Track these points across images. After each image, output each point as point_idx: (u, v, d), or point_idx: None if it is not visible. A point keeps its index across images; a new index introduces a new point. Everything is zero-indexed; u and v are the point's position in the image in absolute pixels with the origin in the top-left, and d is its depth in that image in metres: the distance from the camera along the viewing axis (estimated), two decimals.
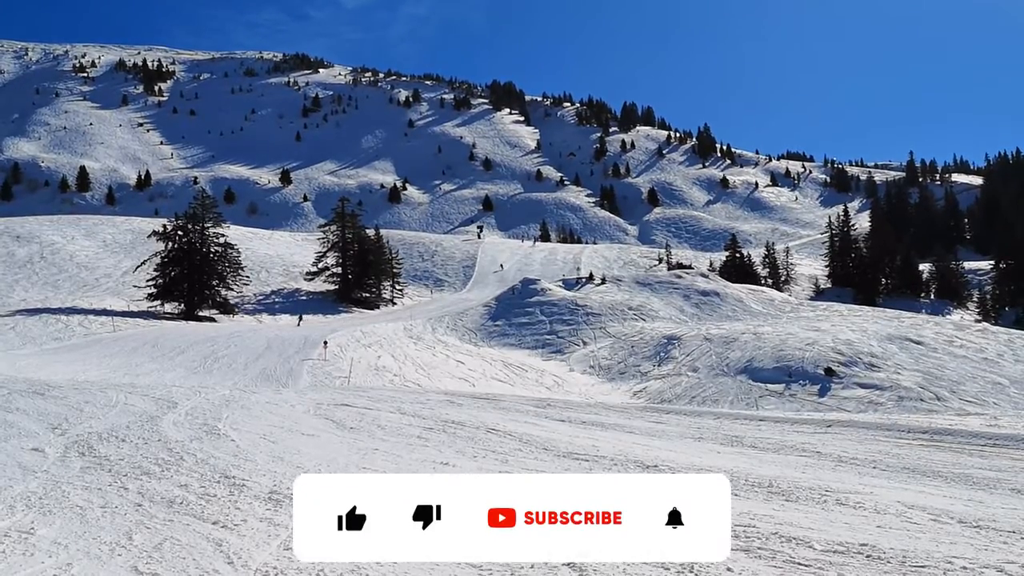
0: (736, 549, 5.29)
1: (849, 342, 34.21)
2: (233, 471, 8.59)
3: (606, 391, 33.50)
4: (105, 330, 41.01)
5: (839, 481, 8.13)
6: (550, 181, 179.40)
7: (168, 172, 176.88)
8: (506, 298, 50.18)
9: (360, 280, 63.10)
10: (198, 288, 52.76)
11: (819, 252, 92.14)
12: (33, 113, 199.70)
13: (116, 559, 5.24)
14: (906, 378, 30.01)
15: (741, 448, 10.98)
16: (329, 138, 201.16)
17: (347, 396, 17.15)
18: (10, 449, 9.99)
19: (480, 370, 35.04)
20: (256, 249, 70.13)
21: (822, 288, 78.37)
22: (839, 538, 5.53)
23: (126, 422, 12.36)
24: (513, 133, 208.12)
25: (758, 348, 35.00)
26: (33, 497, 7.14)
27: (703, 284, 52.42)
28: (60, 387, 17.08)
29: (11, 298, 50.82)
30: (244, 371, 29.38)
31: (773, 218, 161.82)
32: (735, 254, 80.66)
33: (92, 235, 68.83)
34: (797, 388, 30.46)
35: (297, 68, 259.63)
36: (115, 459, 9.30)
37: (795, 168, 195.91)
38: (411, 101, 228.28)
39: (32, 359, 31.11)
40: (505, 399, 18.29)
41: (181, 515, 6.54)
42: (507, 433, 11.78)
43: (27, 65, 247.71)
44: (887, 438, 11.65)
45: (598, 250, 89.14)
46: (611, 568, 4.78)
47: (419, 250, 79.70)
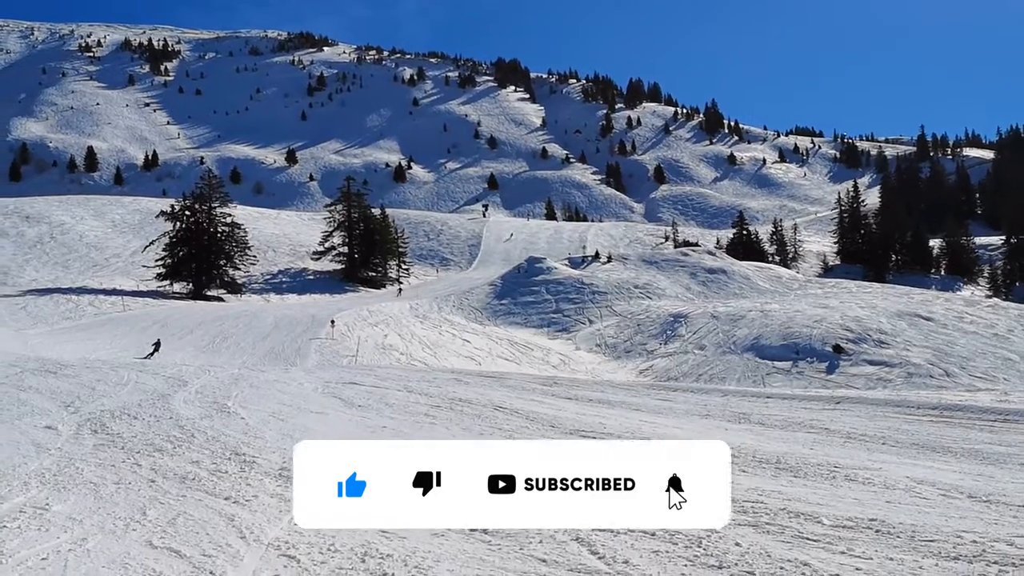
0: (744, 524, 5.32)
1: (858, 319, 34.16)
2: (243, 448, 8.66)
3: (612, 369, 33.55)
4: (115, 310, 41.19)
5: (848, 457, 8.14)
6: (555, 159, 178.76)
7: (175, 152, 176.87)
8: (512, 277, 50.16)
9: (366, 259, 63.14)
10: (206, 268, 52.89)
11: (828, 229, 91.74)
12: (40, 93, 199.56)
13: (131, 534, 5.30)
14: (916, 354, 29.98)
15: (748, 425, 11.00)
16: (334, 117, 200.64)
17: (355, 375, 17.22)
18: (24, 427, 10.08)
19: (486, 349, 35.11)
20: (263, 229, 70.17)
21: (831, 265, 78.11)
22: (848, 513, 5.55)
23: (138, 400, 12.45)
24: (518, 111, 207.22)
25: (765, 325, 34.97)
26: (47, 474, 7.21)
27: (710, 262, 52.31)
28: (72, 366, 17.19)
29: (22, 278, 51.06)
30: (252, 350, 29.51)
31: (781, 195, 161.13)
32: (742, 231, 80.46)
33: (101, 215, 68.96)
34: (805, 365, 30.45)
35: (302, 46, 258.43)
36: (128, 436, 9.38)
37: (804, 144, 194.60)
38: (416, 79, 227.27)
39: (44, 338, 31.30)
40: (511, 377, 18.34)
41: (194, 491, 6.61)
42: (514, 411, 11.82)
43: (33, 45, 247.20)
44: (896, 414, 11.65)
45: (604, 228, 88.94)
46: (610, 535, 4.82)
47: (425, 229, 79.65)
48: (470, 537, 5.18)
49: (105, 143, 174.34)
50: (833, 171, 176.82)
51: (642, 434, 9.69)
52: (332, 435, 9.75)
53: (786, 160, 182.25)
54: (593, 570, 4.51)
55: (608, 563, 4.60)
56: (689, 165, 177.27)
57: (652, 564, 4.58)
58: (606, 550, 4.79)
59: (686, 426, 10.82)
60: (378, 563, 4.66)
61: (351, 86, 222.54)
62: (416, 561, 4.67)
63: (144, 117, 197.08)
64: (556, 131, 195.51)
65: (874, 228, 79.93)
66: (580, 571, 4.51)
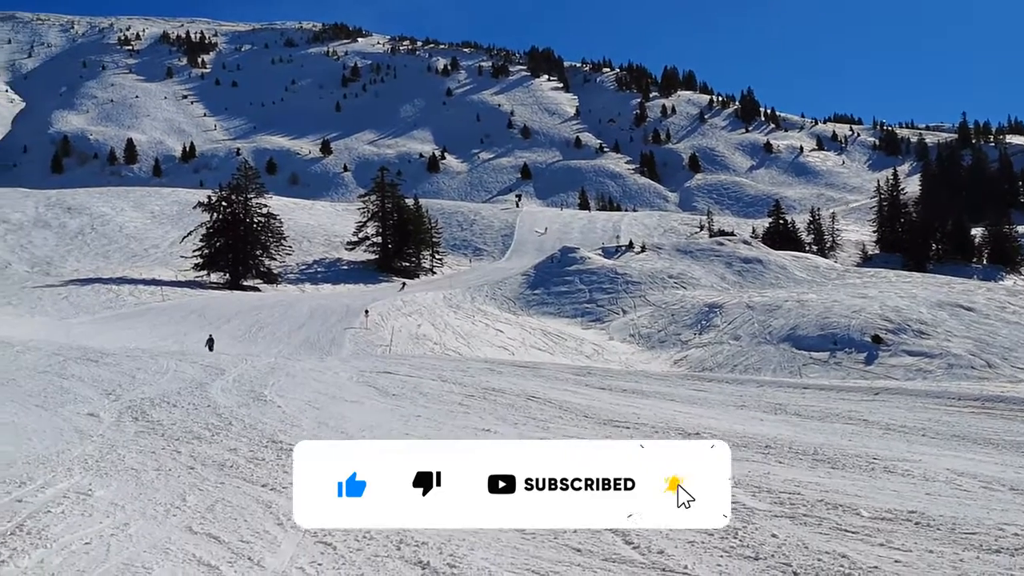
0: (781, 516, 5.28)
1: (897, 309, 33.68)
2: (280, 436, 8.76)
3: (646, 359, 33.44)
4: (154, 299, 41.87)
5: (887, 449, 8.04)
6: (589, 148, 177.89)
7: (212, 144, 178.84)
8: (545, 267, 50.12)
9: (400, 249, 63.46)
10: (242, 258, 53.55)
11: (867, 217, 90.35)
12: (80, 86, 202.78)
13: (171, 519, 5.39)
14: (956, 345, 29.50)
15: (785, 416, 10.90)
16: (368, 108, 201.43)
17: (389, 364, 17.33)
18: (67, 414, 10.28)
19: (519, 338, 35.16)
20: (298, 219, 70.80)
21: (870, 254, 76.94)
22: (887, 505, 5.48)
23: (177, 388, 12.65)
24: (552, 100, 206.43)
25: (802, 316, 34.61)
26: (90, 460, 7.36)
27: (745, 251, 51.83)
28: (113, 354, 17.51)
29: (64, 268, 52.09)
30: (288, 339, 29.84)
31: (819, 183, 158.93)
32: (779, 220, 79.55)
33: (140, 207, 70.06)
34: (843, 356, 30.11)
35: (336, 37, 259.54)
36: (167, 424, 9.54)
37: (842, 131, 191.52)
38: (449, 69, 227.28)
39: (85, 327, 31.92)
40: (545, 367, 18.34)
41: (232, 478, 6.70)
42: (547, 400, 11.83)
43: (73, 39, 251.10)
44: (936, 405, 11.47)
45: (638, 217, 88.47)
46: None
47: (458, 219, 79.79)
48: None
49: (144, 135, 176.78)
50: (872, 159, 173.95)
51: (676, 425, 9.64)
52: (367, 424, 9.84)
53: (824, 148, 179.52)
54: (628, 560, 4.50)
55: (643, 553, 4.59)
56: (724, 154, 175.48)
57: (687, 555, 4.56)
58: (641, 540, 4.78)
59: (721, 417, 10.75)
60: (413, 551, 4.69)
61: (385, 77, 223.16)
62: (451, 549, 4.69)
63: (182, 109, 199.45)
64: (590, 120, 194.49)
65: (914, 217, 78.58)
66: (615, 561, 4.50)
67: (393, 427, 9.61)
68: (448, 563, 4.48)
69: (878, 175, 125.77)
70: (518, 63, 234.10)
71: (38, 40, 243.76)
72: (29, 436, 8.70)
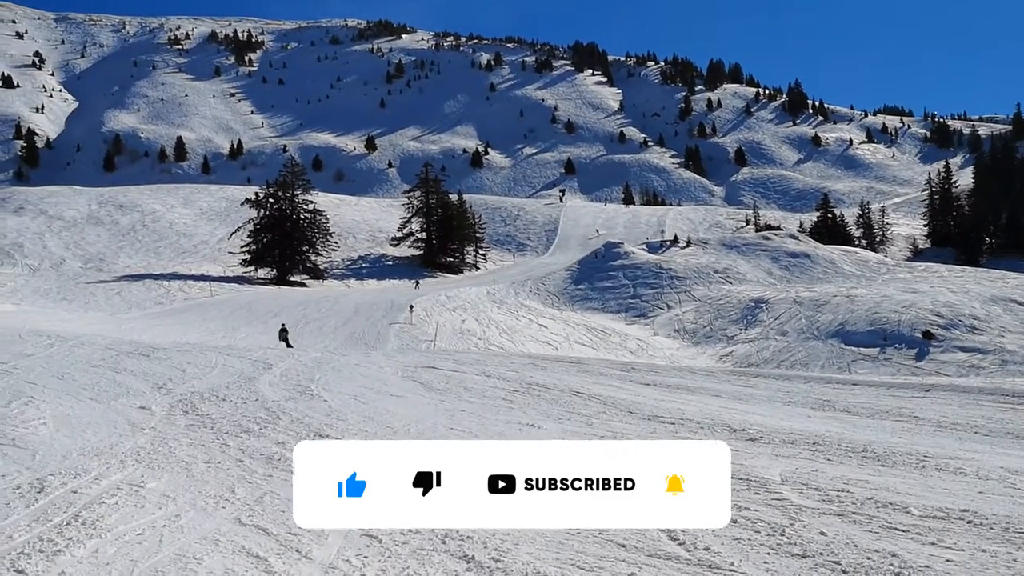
0: (829, 513, 5.21)
1: (949, 304, 32.96)
2: (327, 430, 8.87)
3: (691, 355, 33.18)
4: (203, 295, 42.62)
5: (938, 446, 7.88)
6: (633, 143, 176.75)
7: (259, 141, 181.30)
8: (589, 262, 49.96)
9: (444, 245, 63.77)
10: (289, 254, 54.25)
11: (918, 211, 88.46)
12: (132, 86, 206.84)
13: (221, 511, 5.49)
14: (1011, 341, 28.80)
15: (833, 412, 10.74)
16: (412, 104, 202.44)
17: (433, 359, 17.41)
18: (120, 407, 10.51)
19: (563, 334, 35.11)
20: (343, 215, 71.51)
21: (921, 248, 75.38)
22: (938, 504, 5.38)
23: (226, 382, 12.85)
24: (595, 94, 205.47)
25: (851, 311, 34.05)
26: (142, 452, 7.51)
27: (792, 246, 51.12)
28: (164, 349, 17.84)
29: (116, 264, 53.27)
30: (334, 334, 30.16)
31: (868, 176, 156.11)
32: (827, 214, 78.25)
33: (189, 203, 71.35)
34: (893, 352, 29.57)
35: (381, 34, 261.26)
36: (216, 417, 9.70)
37: (892, 123, 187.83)
38: (493, 65, 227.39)
39: (137, 322, 32.60)
40: (589, 362, 18.28)
41: (279, 471, 6.80)
42: (591, 396, 11.79)
43: (124, 39, 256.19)
44: (990, 403, 11.21)
45: (683, 212, 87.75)
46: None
47: (501, 215, 79.88)
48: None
49: (193, 133, 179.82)
50: (923, 151, 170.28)
51: (722, 421, 9.55)
52: (412, 419, 9.90)
53: (874, 140, 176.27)
54: (673, 556, 4.48)
55: (688, 550, 4.56)
56: (771, 147, 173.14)
57: (734, 552, 4.52)
58: (686, 536, 4.75)
59: (768, 413, 10.62)
60: (458, 544, 4.72)
61: (429, 73, 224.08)
62: (496, 543, 4.71)
63: (229, 107, 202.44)
64: (634, 114, 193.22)
65: (967, 210, 76.74)
66: (659, 557, 4.48)
67: (438, 422, 9.66)
68: (493, 557, 4.50)
69: (929, 168, 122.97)
70: (562, 58, 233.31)
71: (90, 40, 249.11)
72: (83, 428, 8.91)
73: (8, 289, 42.94)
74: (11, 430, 8.61)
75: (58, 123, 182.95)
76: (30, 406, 10.24)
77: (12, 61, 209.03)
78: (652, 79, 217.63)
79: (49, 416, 9.59)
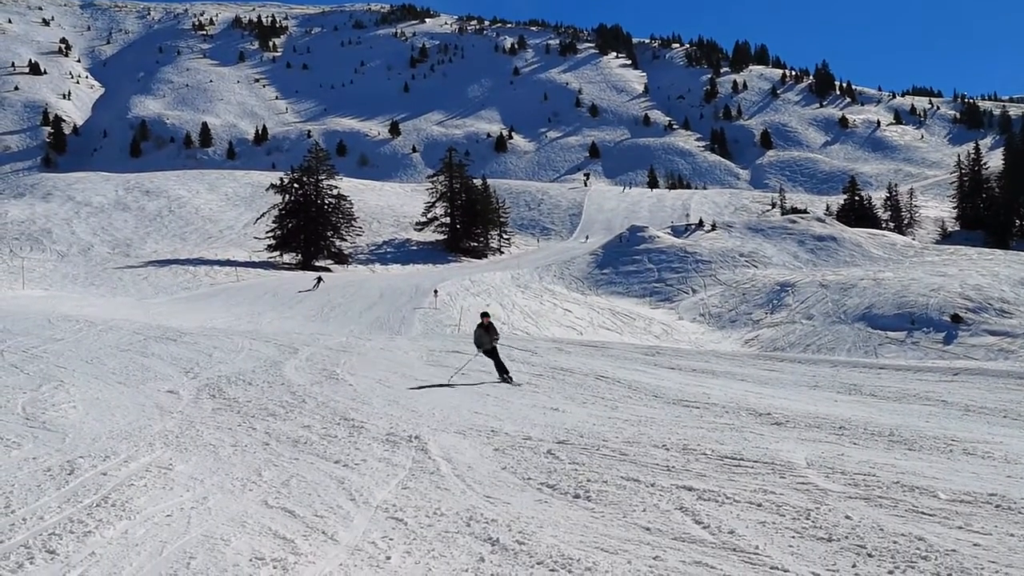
0: (855, 497, 5.17)
1: (978, 287, 32.51)
2: (352, 414, 8.93)
3: (716, 339, 33.01)
4: (229, 280, 42.96)
5: (966, 431, 7.80)
6: (658, 126, 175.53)
7: (283, 126, 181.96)
8: (613, 246, 49.77)
9: (468, 230, 63.76)
10: (314, 239, 54.50)
11: (947, 193, 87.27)
12: (157, 72, 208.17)
13: (248, 494, 5.54)
14: None
15: (859, 396, 10.65)
16: (436, 88, 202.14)
17: (457, 343, 17.47)
18: (148, 391, 10.64)
19: (587, 318, 35.04)
20: (367, 200, 71.70)
21: (949, 231, 74.36)
22: (965, 488, 5.32)
23: (252, 367, 12.97)
24: (620, 77, 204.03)
25: (878, 294, 33.69)
26: (170, 435, 7.61)
27: (819, 229, 50.59)
28: (191, 333, 18.02)
29: (143, 250, 53.82)
30: (359, 319, 30.30)
31: (896, 158, 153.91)
32: (854, 197, 77.32)
33: (215, 189, 71.82)
34: (920, 335, 29.24)
35: (404, 19, 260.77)
36: (243, 401, 9.80)
37: (921, 104, 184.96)
38: (516, 48, 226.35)
39: (164, 307, 32.93)
40: (613, 347, 18.25)
41: (305, 454, 6.86)
42: (616, 380, 11.78)
43: (150, 25, 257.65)
44: (1019, 386, 11.06)
45: (708, 195, 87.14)
46: (715, 505, 4.73)
47: (525, 199, 79.74)
48: (573, 504, 5.21)
49: (218, 119, 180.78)
50: (952, 133, 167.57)
51: (747, 404, 9.50)
52: (437, 402, 9.95)
53: (902, 122, 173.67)
54: (698, 539, 4.47)
55: (713, 533, 4.55)
56: (797, 129, 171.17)
57: (758, 535, 4.50)
58: (711, 520, 4.74)
59: (793, 397, 10.56)
60: (483, 527, 4.74)
61: (452, 57, 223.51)
62: (520, 526, 4.72)
63: (254, 93, 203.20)
64: (659, 97, 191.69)
65: (997, 192, 75.52)
66: (685, 540, 4.47)
67: (463, 405, 9.70)
68: (517, 540, 4.51)
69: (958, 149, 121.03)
70: (586, 40, 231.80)
71: (116, 27, 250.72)
72: (112, 412, 9.03)
73: (38, 274, 43.54)
74: (41, 413, 8.75)
75: (84, 109, 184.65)
76: (60, 390, 10.39)
77: (39, 48, 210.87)
78: (677, 61, 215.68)
79: (79, 399, 9.73)
